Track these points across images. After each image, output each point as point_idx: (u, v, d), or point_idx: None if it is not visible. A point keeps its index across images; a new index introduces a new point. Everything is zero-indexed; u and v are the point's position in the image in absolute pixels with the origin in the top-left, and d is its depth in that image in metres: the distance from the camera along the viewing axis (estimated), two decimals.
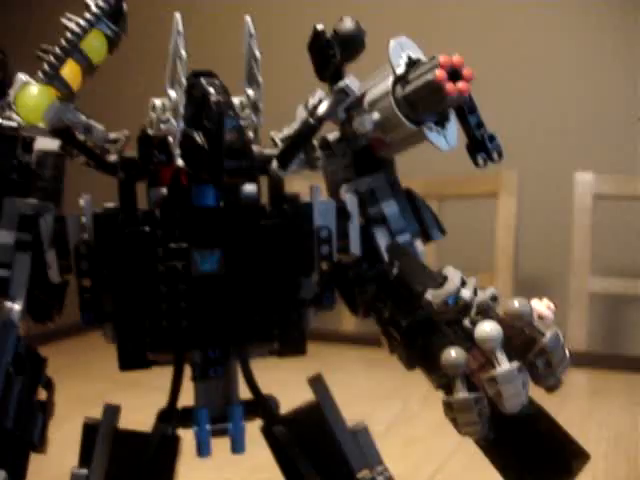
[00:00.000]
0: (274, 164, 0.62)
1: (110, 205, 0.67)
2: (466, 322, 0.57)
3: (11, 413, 0.62)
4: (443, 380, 0.61)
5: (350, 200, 0.69)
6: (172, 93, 0.58)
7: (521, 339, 0.54)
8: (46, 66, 0.58)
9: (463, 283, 0.59)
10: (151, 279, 0.62)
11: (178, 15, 0.57)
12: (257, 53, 0.60)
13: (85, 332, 1.82)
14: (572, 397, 1.40)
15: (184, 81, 0.57)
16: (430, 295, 0.59)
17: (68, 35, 0.58)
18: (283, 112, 0.72)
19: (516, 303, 0.54)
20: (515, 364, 0.54)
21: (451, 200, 1.85)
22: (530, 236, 1.97)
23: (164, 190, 0.64)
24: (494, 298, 0.56)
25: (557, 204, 1.98)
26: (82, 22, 0.58)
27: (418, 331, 0.62)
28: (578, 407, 1.34)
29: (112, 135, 0.65)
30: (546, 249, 2.03)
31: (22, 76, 0.61)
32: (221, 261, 0.62)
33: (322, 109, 0.61)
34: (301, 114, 0.67)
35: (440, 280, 0.61)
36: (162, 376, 0.67)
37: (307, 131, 0.61)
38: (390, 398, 1.42)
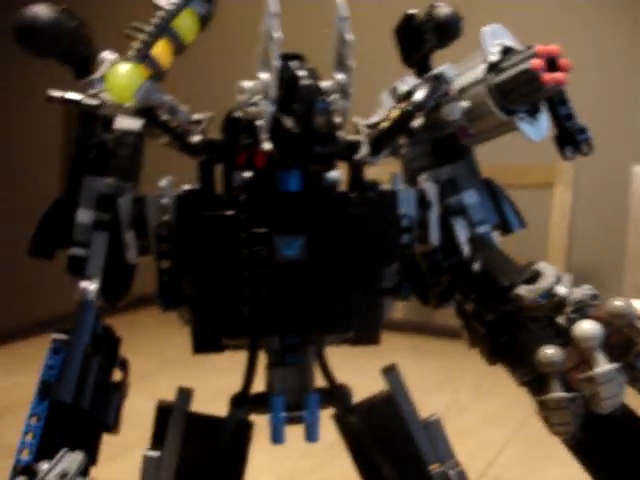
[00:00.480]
0: (364, 150, 0.60)
1: (188, 187, 0.66)
2: (560, 320, 0.56)
3: (88, 394, 0.61)
4: (528, 377, 0.59)
5: (430, 189, 0.67)
6: (264, 75, 0.57)
7: (619, 339, 0.53)
8: (138, 44, 0.57)
9: (557, 279, 0.57)
10: (233, 264, 0.61)
11: None
12: (348, 37, 0.58)
13: (127, 310, 1.83)
14: None
15: (277, 64, 0.56)
16: (523, 290, 0.57)
17: (161, 13, 0.57)
18: (361, 97, 0.71)
19: (620, 302, 0.52)
20: (615, 365, 0.52)
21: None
22: (584, 229, 1.94)
23: (247, 174, 0.63)
24: (595, 297, 0.55)
25: (613, 197, 1.95)
26: (176, 0, 0.57)
27: (503, 326, 0.61)
28: None
29: (195, 116, 0.64)
30: (600, 242, 2.00)
31: (110, 54, 0.61)
32: (304, 247, 0.61)
33: (419, 96, 0.59)
34: (387, 101, 0.66)
35: (528, 274, 0.60)
36: (208, 356, 0.66)
37: (404, 119, 0.59)
38: (440, 389, 1.41)
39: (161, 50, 0.57)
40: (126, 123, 0.67)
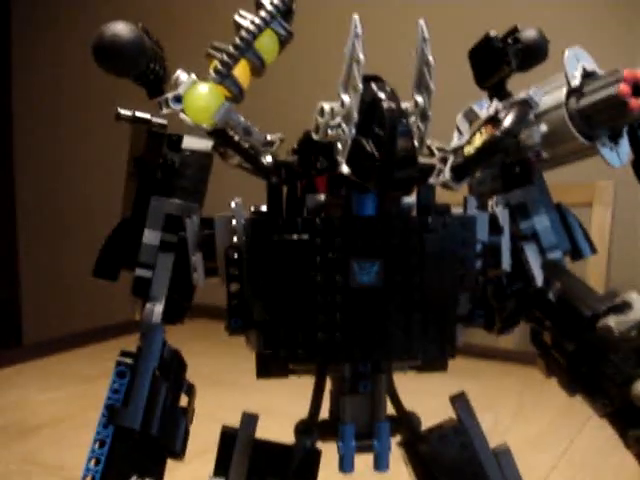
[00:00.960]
0: (447, 175, 0.59)
1: (257, 208, 0.65)
2: None
3: (157, 419, 0.60)
4: (610, 409, 0.58)
5: (502, 213, 0.66)
6: (346, 98, 0.56)
7: None
8: (219, 65, 0.55)
9: None
10: (307, 289, 0.59)
11: (357, 17, 0.55)
12: (431, 59, 0.57)
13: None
14: None
15: (361, 86, 0.55)
16: (612, 321, 0.56)
17: (243, 34, 0.56)
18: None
19: None
20: None
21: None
22: (623, 249, 1.92)
23: (321, 197, 0.62)
24: None
25: None
26: (258, 21, 0.56)
27: (584, 356, 0.59)
28: None
29: (267, 137, 0.63)
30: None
31: (184, 73, 0.60)
32: (380, 273, 0.60)
33: (508, 122, 0.58)
34: (462, 123, 0.64)
35: (612, 303, 0.58)
36: (237, 373, 0.65)
37: (493, 146, 0.58)
38: (480, 410, 1.39)
39: (241, 71, 0.56)
40: (195, 143, 0.66)
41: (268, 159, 0.62)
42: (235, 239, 0.62)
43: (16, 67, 2.81)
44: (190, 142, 0.66)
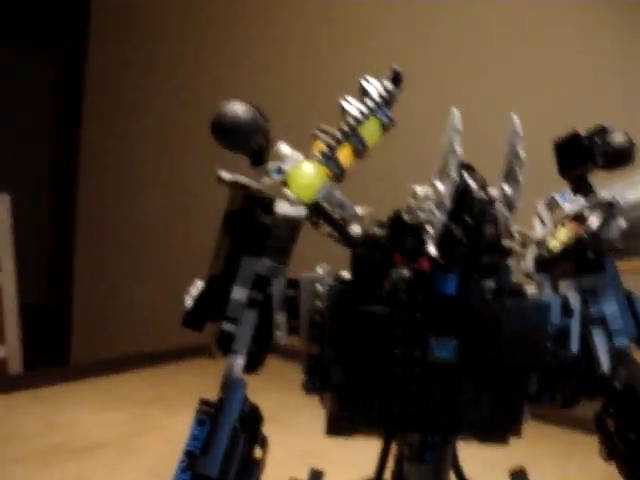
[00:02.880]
0: (530, 266, 0.62)
1: (339, 275, 0.68)
2: None
3: (233, 469, 0.64)
4: None
5: (574, 297, 0.69)
6: (440, 186, 0.59)
7: None
8: (325, 147, 0.60)
9: None
10: (386, 361, 0.63)
11: (456, 111, 0.58)
12: (521, 153, 0.61)
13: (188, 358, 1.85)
14: None
15: (456, 177, 0.58)
16: None
17: (349, 120, 0.59)
18: None
19: None
20: None
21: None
22: None
23: (405, 272, 0.65)
24: None
25: None
26: (364, 109, 0.60)
27: None
28: None
29: (358, 211, 0.67)
30: None
31: (285, 146, 0.64)
32: (457, 349, 0.63)
33: (594, 225, 0.61)
34: (544, 213, 0.67)
35: None
36: (287, 411, 0.67)
37: (578, 247, 0.61)
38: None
39: (344, 153, 0.60)
40: (288, 208, 0.70)
41: (357, 231, 0.66)
42: (319, 303, 0.66)
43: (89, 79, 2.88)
44: (283, 207, 0.69)
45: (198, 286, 0.74)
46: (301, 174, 0.60)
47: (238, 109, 0.58)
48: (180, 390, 1.67)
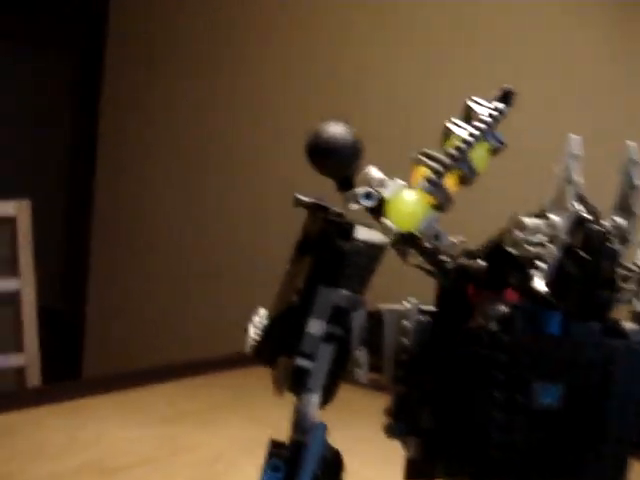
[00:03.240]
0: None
1: (427, 309, 0.63)
2: None
3: None
4: None
5: None
6: (556, 218, 0.54)
7: None
8: (431, 174, 0.54)
9: None
10: (484, 404, 0.57)
11: (574, 137, 0.53)
12: (637, 182, 0.55)
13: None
14: None
15: (574, 209, 0.53)
16: None
17: (459, 143, 0.54)
18: None
19: None
20: None
21: None
22: None
23: (503, 308, 0.60)
24: None
25: None
26: (476, 132, 0.54)
27: None
28: None
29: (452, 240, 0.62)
30: None
31: (377, 171, 0.59)
32: (563, 396, 0.58)
33: None
34: None
35: None
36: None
37: None
38: None
39: (452, 181, 0.54)
40: (369, 234, 0.64)
41: (451, 264, 0.60)
42: (405, 340, 0.61)
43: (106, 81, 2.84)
44: (364, 233, 0.64)
45: (261, 314, 0.69)
46: (404, 203, 0.54)
47: (341, 131, 0.53)
48: (210, 404, 1.61)
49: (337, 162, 0.55)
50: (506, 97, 0.55)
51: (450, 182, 0.55)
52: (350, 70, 2.36)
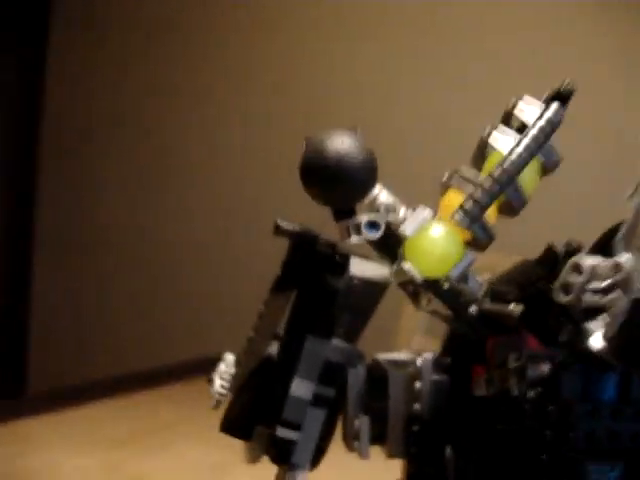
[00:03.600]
0: None
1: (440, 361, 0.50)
2: None
3: None
4: None
5: None
6: (625, 259, 0.41)
7: None
8: (470, 203, 0.40)
9: None
10: None
11: None
12: None
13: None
14: None
15: None
16: None
17: (506, 164, 0.40)
18: None
19: None
20: None
21: None
22: None
23: (545, 367, 0.47)
24: None
25: None
26: (531, 145, 0.40)
27: None
28: None
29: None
30: None
31: (387, 194, 0.45)
32: (622, 476, 0.45)
33: None
34: None
35: None
36: None
37: None
38: None
39: (492, 210, 0.41)
40: (367, 269, 0.51)
41: (475, 311, 0.47)
42: (417, 407, 0.48)
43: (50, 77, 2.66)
44: (360, 267, 0.51)
45: (228, 362, 0.56)
46: (432, 242, 0.40)
47: (351, 146, 0.39)
48: (159, 424, 1.47)
49: (349, 190, 0.41)
50: (564, 97, 0.42)
51: (490, 212, 0.41)
52: (318, 64, 2.21)
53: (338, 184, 0.40)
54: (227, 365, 0.56)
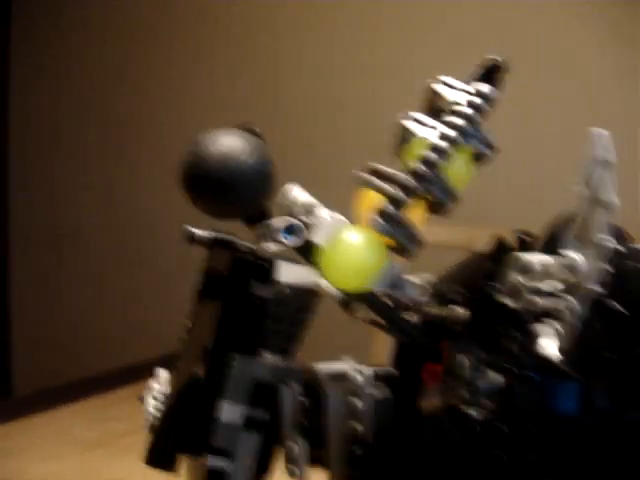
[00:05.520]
0: None
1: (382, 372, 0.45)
2: None
3: None
4: None
5: None
6: (576, 256, 0.35)
7: None
8: (389, 205, 0.34)
9: None
10: None
11: (600, 132, 0.35)
12: None
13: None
14: None
15: (606, 242, 0.35)
16: None
17: (427, 154, 0.34)
18: None
19: None
20: None
21: None
22: None
23: (499, 378, 0.42)
24: None
25: None
26: (451, 133, 0.34)
27: None
28: None
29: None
30: None
31: (301, 191, 0.39)
32: None
33: None
34: None
35: None
36: None
37: None
38: None
39: (418, 210, 0.35)
40: (296, 274, 0.46)
41: (415, 321, 0.42)
42: (359, 427, 0.43)
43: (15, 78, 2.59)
44: (289, 273, 0.46)
45: (162, 380, 0.51)
46: (346, 253, 0.34)
47: (238, 147, 0.33)
48: (129, 426, 1.42)
49: (236, 200, 0.35)
50: (491, 74, 0.36)
51: (416, 212, 0.35)
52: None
53: (222, 193, 0.34)
54: (160, 384, 0.51)
